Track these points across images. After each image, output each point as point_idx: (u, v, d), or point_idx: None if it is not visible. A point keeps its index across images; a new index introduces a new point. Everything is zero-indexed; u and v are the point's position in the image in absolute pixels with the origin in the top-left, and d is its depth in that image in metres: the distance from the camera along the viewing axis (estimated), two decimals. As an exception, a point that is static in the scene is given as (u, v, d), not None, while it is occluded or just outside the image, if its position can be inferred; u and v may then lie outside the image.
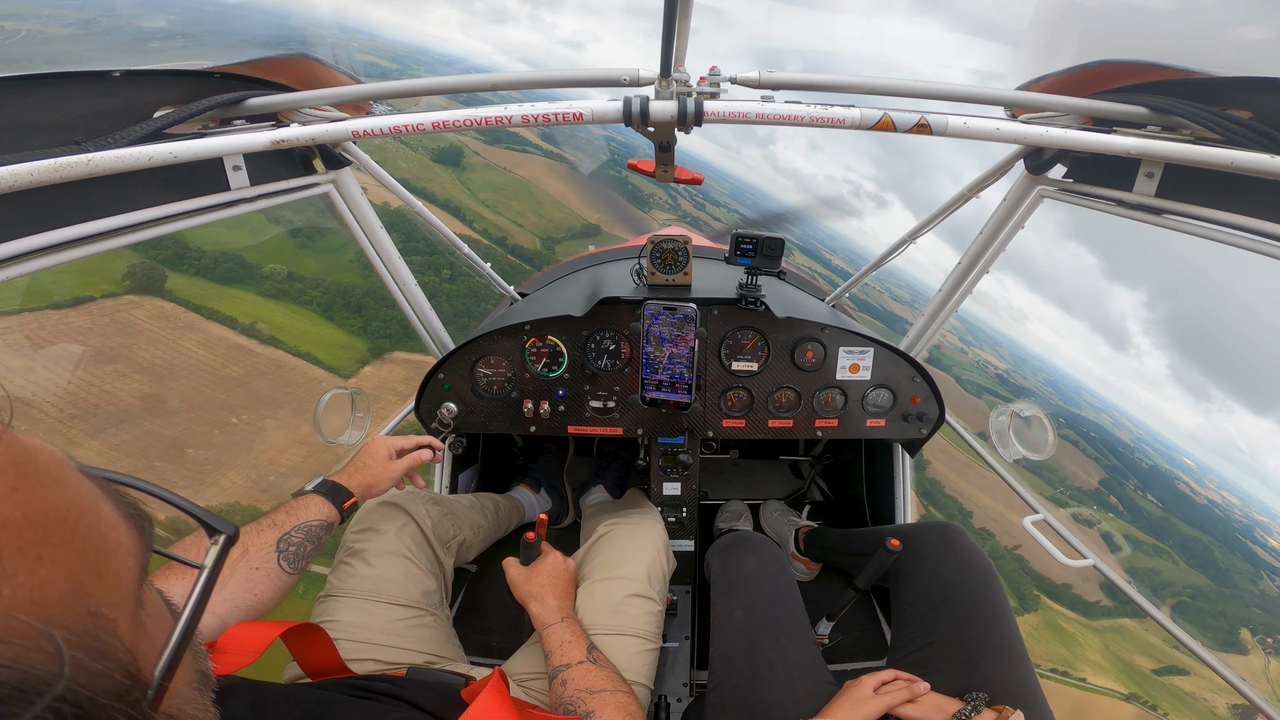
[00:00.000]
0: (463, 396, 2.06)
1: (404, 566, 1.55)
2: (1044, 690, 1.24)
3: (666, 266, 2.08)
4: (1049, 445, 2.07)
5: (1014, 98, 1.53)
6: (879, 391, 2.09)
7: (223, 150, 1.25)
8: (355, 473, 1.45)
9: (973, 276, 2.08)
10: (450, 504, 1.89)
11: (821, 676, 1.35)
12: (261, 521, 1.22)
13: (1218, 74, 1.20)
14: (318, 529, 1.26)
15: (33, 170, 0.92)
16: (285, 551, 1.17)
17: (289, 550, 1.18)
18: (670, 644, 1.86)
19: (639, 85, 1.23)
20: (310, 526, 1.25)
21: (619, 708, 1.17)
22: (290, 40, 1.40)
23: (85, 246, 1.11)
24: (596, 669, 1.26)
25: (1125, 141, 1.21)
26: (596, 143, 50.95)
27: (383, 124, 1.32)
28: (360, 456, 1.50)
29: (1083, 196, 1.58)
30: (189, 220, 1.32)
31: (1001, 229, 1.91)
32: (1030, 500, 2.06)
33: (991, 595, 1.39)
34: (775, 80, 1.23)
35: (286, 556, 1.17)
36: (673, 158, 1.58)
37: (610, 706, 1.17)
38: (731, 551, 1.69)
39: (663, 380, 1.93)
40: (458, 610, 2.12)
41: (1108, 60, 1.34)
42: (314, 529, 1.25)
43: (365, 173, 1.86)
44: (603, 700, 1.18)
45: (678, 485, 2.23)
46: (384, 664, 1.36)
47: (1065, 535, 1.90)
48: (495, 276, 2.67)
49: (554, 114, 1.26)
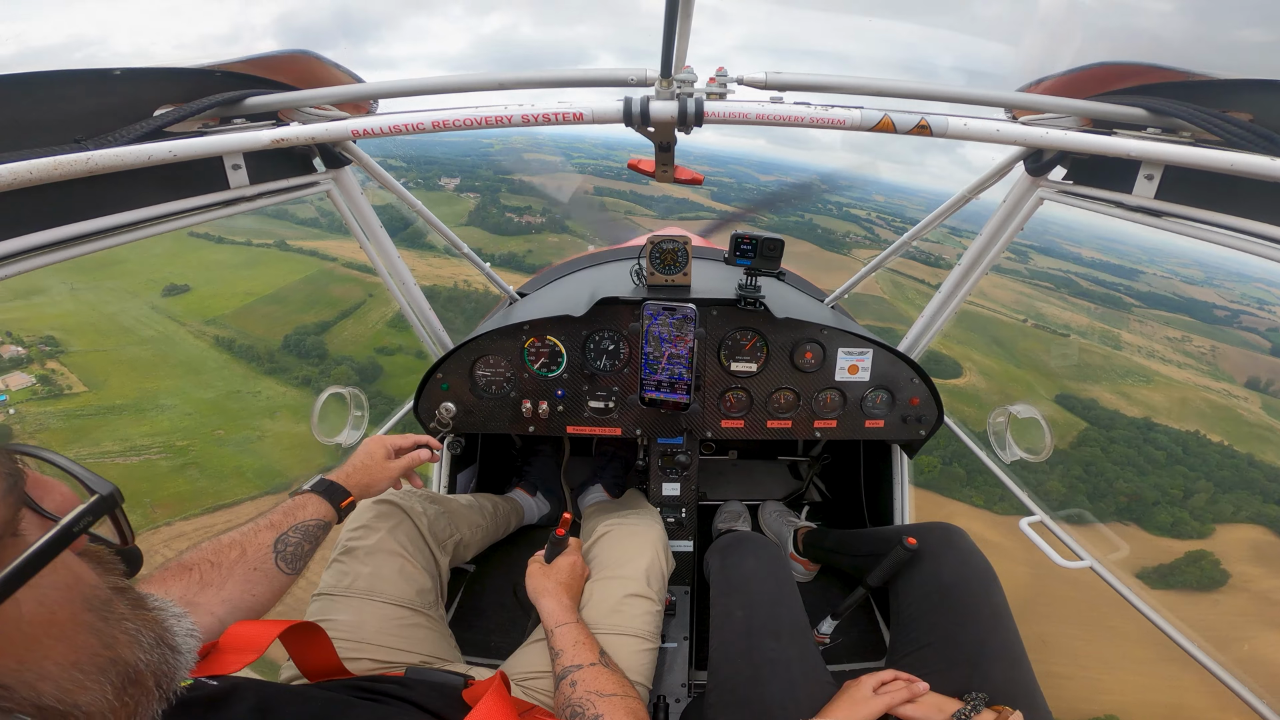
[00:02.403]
0: (461, 396, 2.05)
1: (399, 565, 1.55)
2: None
3: (666, 267, 2.08)
4: (1046, 447, 2.07)
5: (1014, 99, 1.53)
6: (878, 393, 2.09)
7: (222, 149, 1.25)
8: (354, 472, 1.44)
9: (974, 278, 2.08)
10: (448, 503, 1.88)
11: (821, 677, 1.35)
12: (259, 522, 1.21)
13: (1218, 76, 1.20)
14: (315, 529, 1.26)
15: (32, 168, 0.91)
16: (283, 552, 1.17)
17: (286, 551, 1.18)
18: (669, 644, 1.86)
19: (646, 85, 1.23)
20: (308, 526, 1.24)
21: (629, 712, 1.17)
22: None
23: (85, 245, 1.11)
24: (608, 672, 1.25)
25: (1125, 143, 1.21)
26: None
27: (383, 123, 1.32)
28: (358, 456, 1.49)
29: (1082, 198, 1.58)
30: (188, 219, 1.32)
31: (1002, 230, 1.91)
32: (1027, 502, 2.06)
33: (991, 596, 1.39)
34: (780, 81, 1.23)
35: (284, 557, 1.17)
36: (673, 158, 1.58)
37: (620, 711, 1.16)
38: (731, 552, 1.69)
39: (662, 381, 1.93)
40: (456, 610, 2.12)
41: (1108, 62, 1.34)
42: (311, 529, 1.25)
43: (365, 172, 1.86)
44: (613, 704, 1.17)
45: (677, 486, 2.23)
46: (379, 663, 1.35)
47: (1062, 537, 1.91)
48: (495, 276, 2.67)
49: (555, 113, 1.27)
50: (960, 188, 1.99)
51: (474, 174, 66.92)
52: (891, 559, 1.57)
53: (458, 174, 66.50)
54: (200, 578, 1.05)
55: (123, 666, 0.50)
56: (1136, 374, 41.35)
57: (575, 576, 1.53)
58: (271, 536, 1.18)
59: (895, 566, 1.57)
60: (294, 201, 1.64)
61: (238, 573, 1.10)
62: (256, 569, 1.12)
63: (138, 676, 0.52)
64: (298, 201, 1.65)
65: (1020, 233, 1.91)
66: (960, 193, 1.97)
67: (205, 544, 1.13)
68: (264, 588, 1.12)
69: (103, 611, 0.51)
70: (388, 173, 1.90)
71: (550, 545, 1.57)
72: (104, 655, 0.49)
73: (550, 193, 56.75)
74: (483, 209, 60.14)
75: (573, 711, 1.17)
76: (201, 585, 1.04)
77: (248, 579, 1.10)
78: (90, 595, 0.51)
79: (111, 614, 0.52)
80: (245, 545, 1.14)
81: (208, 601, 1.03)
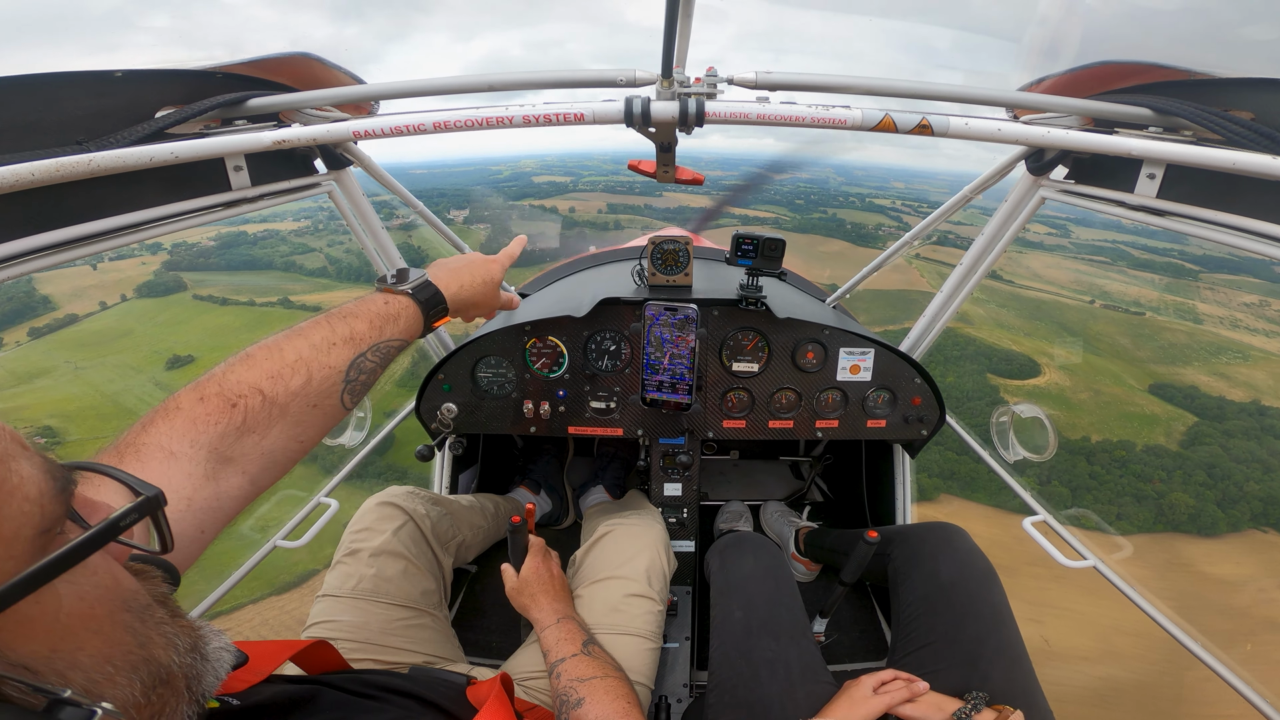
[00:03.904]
0: (463, 397, 2.06)
1: (402, 566, 1.56)
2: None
3: (667, 267, 2.08)
4: (1050, 446, 2.07)
5: (1015, 98, 1.53)
6: (879, 392, 2.09)
7: (224, 150, 1.25)
8: (464, 288, 1.14)
9: (976, 278, 2.08)
10: (449, 504, 1.89)
11: (821, 676, 1.35)
12: (335, 325, 0.93)
13: (1220, 75, 1.19)
14: (395, 351, 1.01)
15: (34, 170, 0.92)
16: (354, 381, 0.93)
17: (359, 380, 0.94)
18: (670, 644, 1.86)
19: (636, 85, 1.23)
20: (390, 348, 1.00)
21: (607, 691, 1.18)
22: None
23: (86, 246, 1.11)
24: (590, 659, 1.27)
25: (1127, 142, 1.21)
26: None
27: (384, 124, 1.33)
28: (475, 270, 1.19)
29: (1084, 197, 1.58)
30: (190, 220, 1.32)
31: (1003, 230, 1.91)
32: (1030, 502, 2.06)
33: (991, 595, 1.39)
34: (772, 81, 1.22)
35: (353, 389, 0.93)
36: (674, 158, 1.58)
37: (599, 691, 1.18)
38: (731, 552, 1.69)
39: (663, 381, 1.93)
40: (457, 611, 2.12)
41: (1109, 61, 1.33)
42: (392, 351, 1.01)
43: (367, 172, 1.86)
44: (592, 686, 1.19)
45: (678, 486, 2.23)
46: (383, 664, 1.36)
47: (1065, 536, 1.90)
48: None
49: (554, 114, 1.27)
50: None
51: (484, 203, 66.16)
52: (858, 554, 1.61)
53: (466, 205, 66.20)
54: (244, 418, 0.81)
55: (155, 666, 0.51)
56: (1229, 350, 37.14)
57: (543, 579, 1.51)
58: (348, 356, 0.92)
59: (863, 561, 1.61)
60: (295, 201, 1.64)
61: (293, 409, 0.86)
62: (316, 405, 0.88)
63: (169, 677, 0.53)
64: (299, 206, 1.65)
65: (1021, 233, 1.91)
66: (962, 192, 1.96)
67: (256, 352, 0.87)
68: (314, 429, 0.90)
69: (141, 614, 0.52)
70: (388, 172, 1.91)
71: (510, 535, 1.55)
72: (138, 653, 0.50)
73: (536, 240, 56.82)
74: (493, 240, 59.75)
75: (560, 701, 1.18)
76: (242, 430, 0.81)
77: (300, 419, 0.87)
78: (129, 598, 0.52)
79: (150, 617, 0.53)
80: (311, 366, 0.88)
81: (245, 453, 0.81)
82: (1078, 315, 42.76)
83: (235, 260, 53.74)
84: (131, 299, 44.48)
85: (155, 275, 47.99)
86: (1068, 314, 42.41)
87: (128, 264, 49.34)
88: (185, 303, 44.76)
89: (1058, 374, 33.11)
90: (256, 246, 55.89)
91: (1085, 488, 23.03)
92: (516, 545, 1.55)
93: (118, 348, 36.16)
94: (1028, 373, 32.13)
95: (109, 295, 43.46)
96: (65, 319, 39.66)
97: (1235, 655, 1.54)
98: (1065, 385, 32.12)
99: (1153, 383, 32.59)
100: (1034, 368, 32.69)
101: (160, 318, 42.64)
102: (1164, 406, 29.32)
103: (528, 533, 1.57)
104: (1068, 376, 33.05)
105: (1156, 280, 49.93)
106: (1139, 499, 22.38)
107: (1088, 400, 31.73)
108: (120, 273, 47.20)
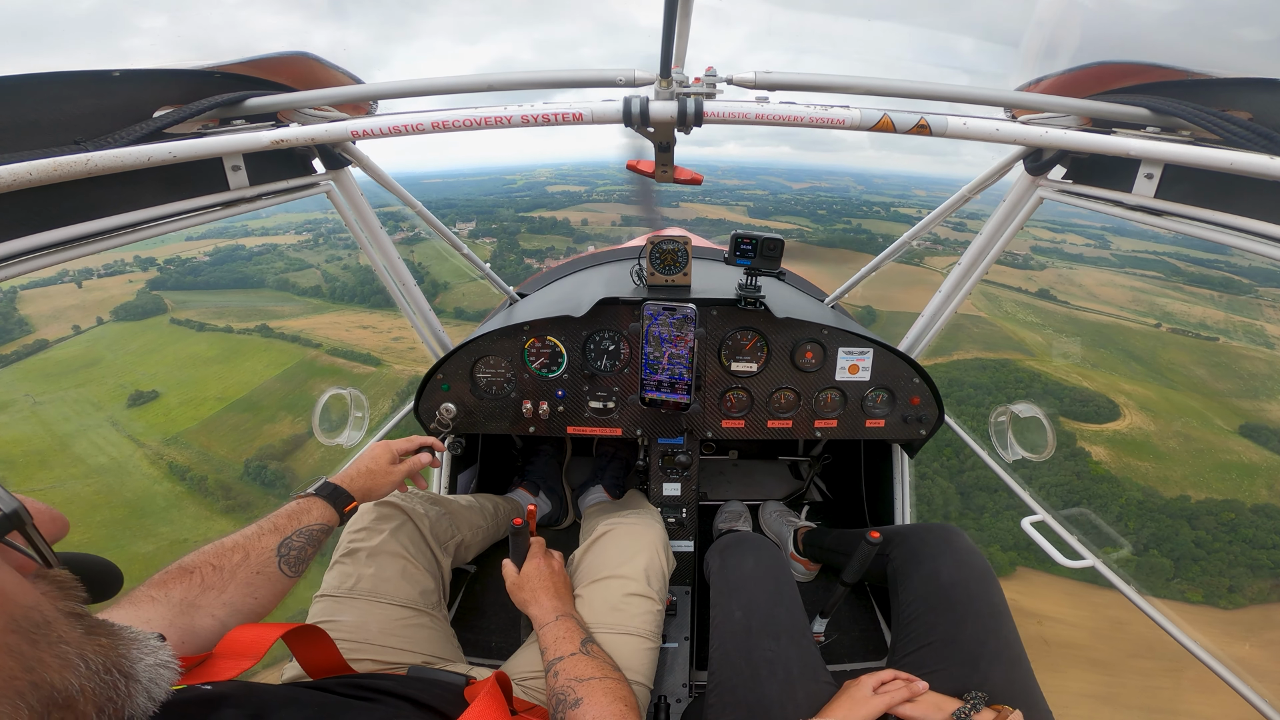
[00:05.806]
0: (462, 397, 2.05)
1: (401, 566, 1.55)
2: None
3: (666, 267, 2.08)
4: (1048, 446, 2.07)
5: (1014, 98, 1.53)
6: (878, 392, 2.09)
7: (222, 150, 1.25)
8: (357, 476, 1.45)
9: (974, 278, 2.08)
10: (449, 504, 1.89)
11: (820, 676, 1.35)
12: (263, 524, 1.22)
13: (1217, 75, 1.20)
14: (319, 532, 1.28)
15: (32, 170, 0.92)
16: (286, 555, 1.18)
17: (290, 554, 1.19)
18: (670, 644, 1.86)
19: (635, 85, 1.23)
20: (311, 530, 1.26)
21: (606, 692, 1.17)
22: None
23: (84, 246, 1.11)
24: (588, 659, 1.26)
25: (1125, 142, 1.21)
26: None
27: (383, 124, 1.32)
28: (362, 460, 1.51)
29: (1082, 197, 1.58)
30: (188, 220, 1.32)
31: (1001, 230, 1.91)
32: (1029, 501, 2.06)
33: (990, 596, 1.39)
34: (771, 81, 1.23)
35: (288, 560, 1.18)
36: (672, 158, 1.58)
37: (598, 692, 1.17)
38: (731, 552, 1.69)
39: (662, 381, 1.93)
40: (457, 611, 2.12)
41: (1107, 61, 1.34)
42: (315, 533, 1.26)
43: (365, 172, 1.86)
44: (591, 687, 1.18)
45: (677, 486, 2.23)
46: (382, 664, 1.36)
47: (1064, 536, 1.90)
48: (495, 277, 2.67)
49: (554, 114, 1.27)
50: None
51: (492, 215, 64.57)
52: (860, 554, 1.61)
53: (473, 217, 64.99)
54: (202, 580, 1.06)
55: (46, 690, 0.48)
56: (1317, 378, 31.23)
57: (544, 576, 1.52)
58: (275, 540, 1.19)
59: (865, 561, 1.61)
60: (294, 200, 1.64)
61: (240, 576, 1.11)
62: (259, 572, 1.13)
63: (68, 701, 0.49)
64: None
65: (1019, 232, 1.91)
66: (960, 192, 1.97)
67: (207, 547, 1.14)
68: (266, 591, 1.13)
69: (33, 634, 0.49)
70: (387, 173, 1.90)
71: (512, 536, 1.56)
72: (22, 679, 0.46)
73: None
74: (499, 255, 58.18)
75: (557, 701, 1.18)
76: (203, 588, 1.05)
77: (250, 582, 1.11)
78: (20, 616, 0.48)
79: (45, 636, 0.50)
80: (248, 549, 1.15)
81: (209, 604, 1.04)
82: (1144, 341, 38.03)
83: (225, 278, 52.36)
84: (107, 322, 43.32)
85: (137, 295, 46.79)
86: (1133, 340, 37.66)
87: (114, 281, 48.00)
88: (161, 327, 43.74)
89: (1139, 415, 28.97)
90: (251, 263, 54.38)
91: (1191, 557, 19.84)
92: (519, 547, 1.55)
93: (81, 379, 35.25)
94: (1106, 415, 28.30)
95: (86, 318, 42.21)
96: (35, 345, 38.49)
97: (1234, 655, 1.54)
98: (1150, 430, 28.05)
99: (1243, 423, 28.32)
100: (1112, 409, 28.82)
101: (133, 345, 41.57)
102: (1261, 452, 25.29)
103: (530, 534, 1.57)
104: (1149, 418, 29.05)
105: (1216, 298, 44.18)
106: (1254, 569, 19.42)
107: (1177, 449, 27.34)
108: (105, 291, 46.07)
